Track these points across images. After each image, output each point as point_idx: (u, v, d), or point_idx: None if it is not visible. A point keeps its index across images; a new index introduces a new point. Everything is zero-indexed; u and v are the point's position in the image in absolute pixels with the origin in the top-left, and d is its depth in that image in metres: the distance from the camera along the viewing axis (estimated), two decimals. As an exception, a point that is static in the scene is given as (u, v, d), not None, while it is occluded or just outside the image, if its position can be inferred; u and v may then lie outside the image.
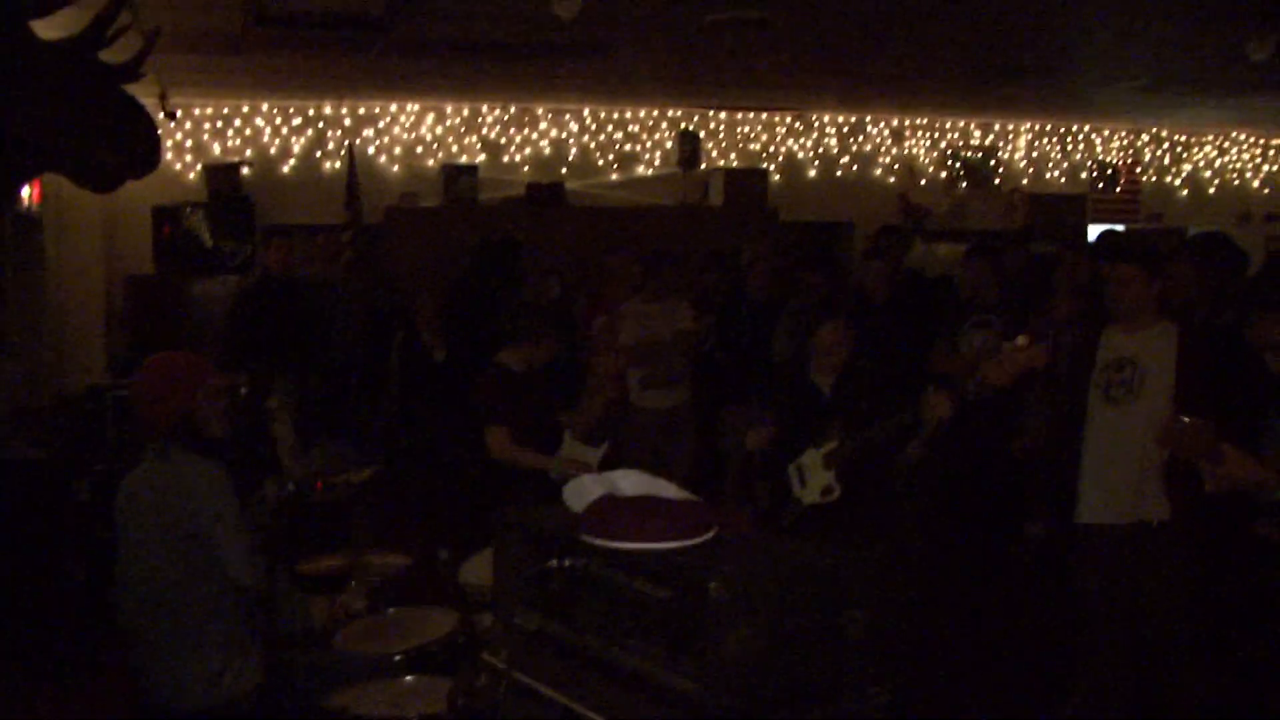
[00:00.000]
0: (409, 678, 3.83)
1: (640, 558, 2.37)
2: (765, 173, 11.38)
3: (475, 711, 2.60)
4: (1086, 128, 12.91)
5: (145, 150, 4.07)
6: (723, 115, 11.48)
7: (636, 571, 2.35)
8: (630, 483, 2.73)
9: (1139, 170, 13.18)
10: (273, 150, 10.14)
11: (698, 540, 2.42)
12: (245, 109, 10.05)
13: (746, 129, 11.61)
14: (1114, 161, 13.06)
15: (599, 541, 2.45)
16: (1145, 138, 13.22)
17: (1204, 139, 13.49)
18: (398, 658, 3.97)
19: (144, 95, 4.14)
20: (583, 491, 2.70)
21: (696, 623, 2.15)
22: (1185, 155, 13.44)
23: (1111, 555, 4.73)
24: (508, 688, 2.47)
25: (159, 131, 4.19)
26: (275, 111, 10.14)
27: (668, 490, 2.74)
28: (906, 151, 12.26)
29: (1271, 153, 13.87)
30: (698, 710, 2.14)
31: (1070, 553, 4.95)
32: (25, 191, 7.97)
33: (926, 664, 5.33)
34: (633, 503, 2.53)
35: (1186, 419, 3.68)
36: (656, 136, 11.27)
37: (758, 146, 11.68)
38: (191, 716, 3.71)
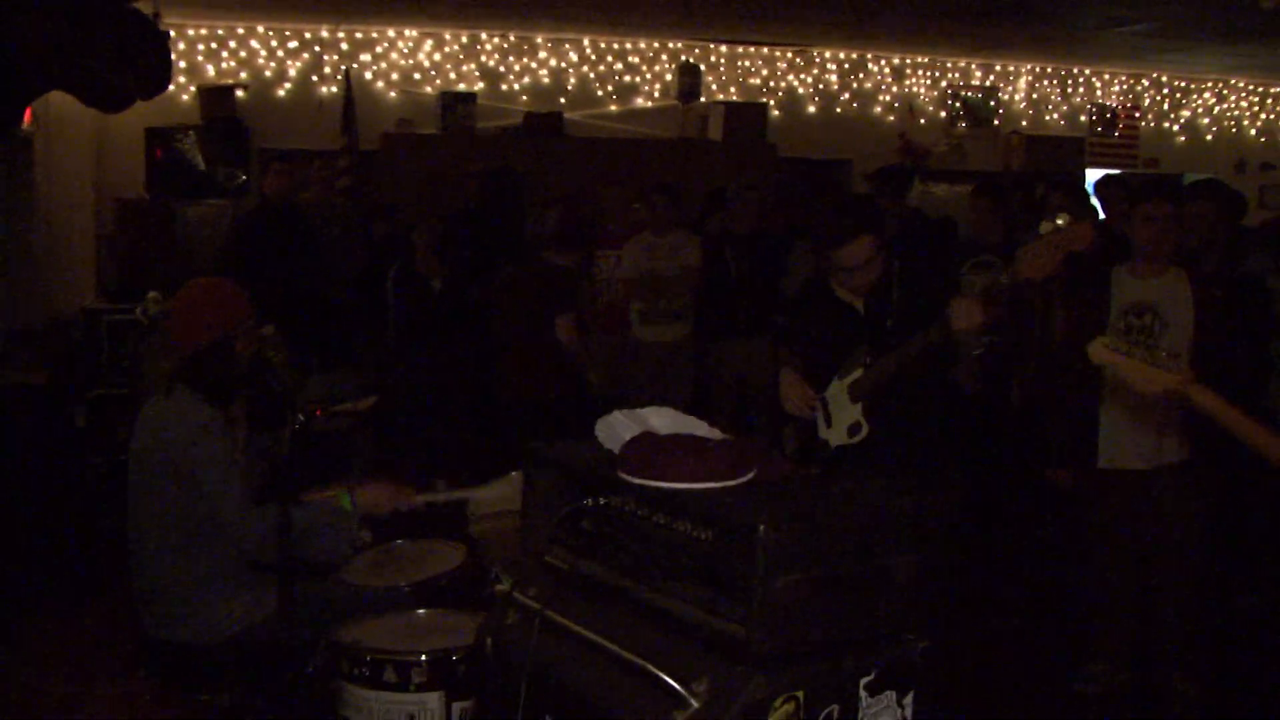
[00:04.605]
0: (420, 611, 3.81)
1: (682, 498, 2.33)
2: (765, 107, 11.21)
3: (503, 649, 2.57)
4: (1087, 71, 12.80)
5: (156, 70, 3.97)
6: (723, 49, 11.31)
7: (677, 512, 2.32)
8: (664, 421, 2.69)
9: (1138, 115, 13.10)
10: (268, 73, 9.94)
11: (739, 481, 2.39)
12: (240, 30, 9.84)
13: (747, 63, 11.45)
14: (1113, 105, 12.98)
15: (638, 480, 2.41)
16: (1145, 82, 13.12)
17: (1203, 85, 13.39)
18: (406, 590, 3.95)
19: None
20: (615, 428, 2.66)
21: (743, 565, 2.12)
22: (1184, 101, 13.35)
23: (1133, 499, 4.73)
24: (540, 626, 2.44)
25: (170, 52, 4.09)
26: (271, 34, 9.92)
27: (700, 429, 2.71)
28: (907, 90, 12.13)
29: (1269, 100, 13.80)
30: (743, 653, 2.12)
31: (1088, 498, 4.94)
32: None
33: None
34: (671, 441, 2.49)
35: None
36: (656, 68, 11.11)
37: (758, 81, 11.53)
38: (198, 651, 3.66)
